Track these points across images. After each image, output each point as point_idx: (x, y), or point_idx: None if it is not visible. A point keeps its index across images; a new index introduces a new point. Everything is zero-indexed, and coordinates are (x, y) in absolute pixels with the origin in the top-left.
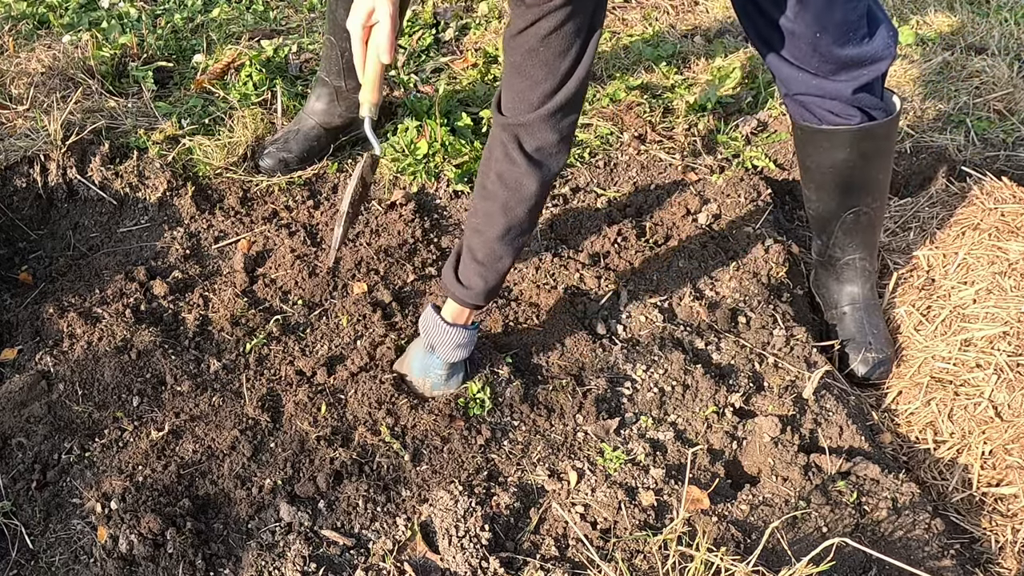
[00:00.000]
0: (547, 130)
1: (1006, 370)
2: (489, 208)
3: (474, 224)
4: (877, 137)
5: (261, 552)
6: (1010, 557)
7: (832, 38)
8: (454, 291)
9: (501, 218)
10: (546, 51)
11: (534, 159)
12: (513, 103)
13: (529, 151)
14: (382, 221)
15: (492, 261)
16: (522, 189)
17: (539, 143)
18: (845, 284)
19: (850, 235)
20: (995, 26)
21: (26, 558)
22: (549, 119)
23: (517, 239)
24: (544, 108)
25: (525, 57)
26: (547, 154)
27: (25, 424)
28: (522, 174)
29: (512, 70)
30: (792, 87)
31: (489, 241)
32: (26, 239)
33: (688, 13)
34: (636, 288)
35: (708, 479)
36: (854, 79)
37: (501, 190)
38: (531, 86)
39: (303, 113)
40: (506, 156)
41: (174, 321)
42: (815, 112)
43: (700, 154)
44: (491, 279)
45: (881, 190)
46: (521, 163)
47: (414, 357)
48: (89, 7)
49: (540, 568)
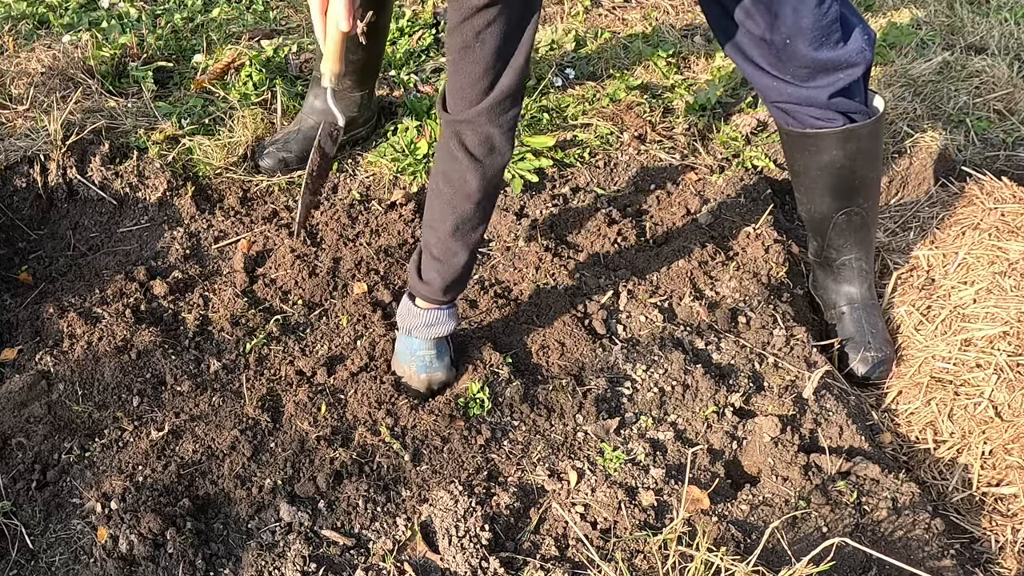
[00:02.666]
0: (487, 124)
1: (1006, 370)
2: (438, 205)
3: (428, 221)
4: (861, 138)
5: (261, 552)
6: (1010, 557)
7: (804, 44)
8: (416, 288)
9: (449, 215)
10: (481, 47)
11: (475, 155)
12: (454, 100)
13: (470, 147)
14: (382, 221)
15: (448, 257)
16: (466, 185)
17: (480, 138)
18: (843, 284)
19: (844, 236)
20: (995, 26)
21: (26, 558)
22: (488, 114)
23: (469, 234)
24: (483, 104)
25: (461, 54)
26: (488, 149)
27: (25, 424)
28: (464, 170)
29: (451, 67)
30: (770, 95)
31: (442, 238)
32: (26, 239)
33: (688, 13)
34: (636, 288)
35: (708, 479)
36: (830, 84)
37: (446, 187)
38: (470, 82)
39: (302, 113)
40: (449, 153)
41: (174, 321)
42: (797, 117)
43: (700, 154)
44: (448, 275)
45: (871, 190)
46: (463, 159)
47: (399, 349)
48: (89, 7)
49: (540, 568)
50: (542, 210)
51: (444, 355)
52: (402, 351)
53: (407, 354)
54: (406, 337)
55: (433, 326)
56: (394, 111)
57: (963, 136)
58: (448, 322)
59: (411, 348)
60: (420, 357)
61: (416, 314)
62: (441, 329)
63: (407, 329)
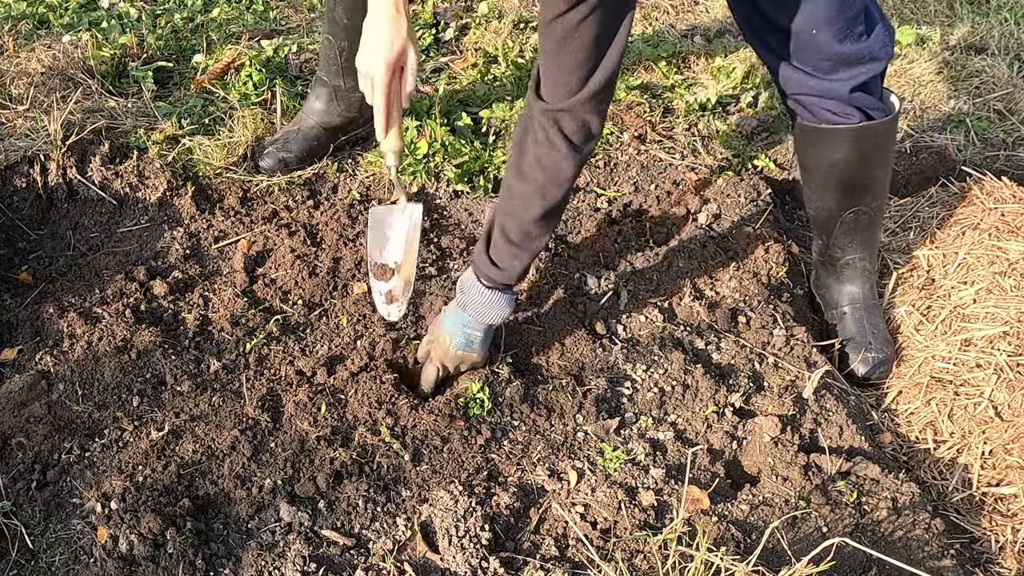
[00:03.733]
0: (587, 113)
1: (1006, 370)
2: (526, 191)
3: (509, 207)
4: (876, 136)
5: (261, 552)
6: (1010, 557)
7: (829, 36)
8: (488, 272)
9: (538, 201)
10: (580, 38)
11: (574, 142)
12: (553, 88)
13: (569, 135)
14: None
15: (527, 242)
16: (561, 172)
17: (578, 125)
18: (845, 284)
19: (850, 235)
20: (995, 26)
21: (26, 558)
22: (588, 103)
23: (552, 220)
24: (583, 93)
25: (560, 44)
26: (585, 136)
27: (25, 424)
28: (562, 158)
29: (549, 57)
30: (790, 87)
31: (524, 223)
32: (26, 239)
33: (688, 13)
34: (636, 288)
35: (708, 479)
36: (851, 78)
37: (539, 173)
38: (569, 72)
39: (303, 113)
40: (547, 140)
41: (174, 321)
42: (814, 111)
43: (700, 154)
44: (526, 259)
45: (881, 190)
46: (562, 147)
47: (446, 315)
48: (89, 7)
49: (540, 568)
50: None
51: (488, 340)
52: (450, 320)
53: (454, 325)
54: (459, 311)
55: (491, 310)
56: None
57: (963, 136)
58: (505, 309)
59: (461, 321)
60: (466, 334)
61: (479, 291)
62: (497, 315)
63: (463, 303)
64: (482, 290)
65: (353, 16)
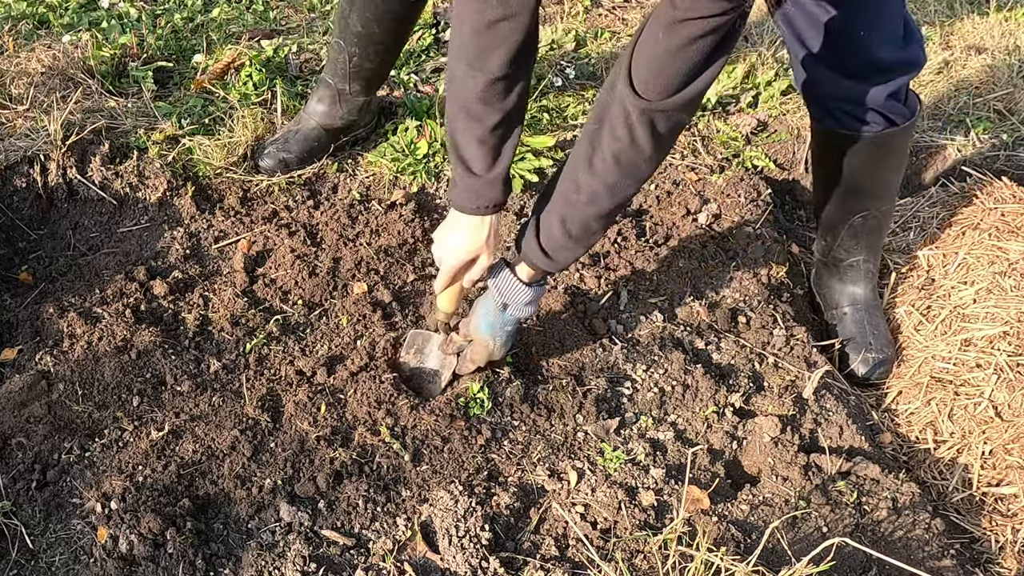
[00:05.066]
0: (683, 113)
1: (1006, 370)
2: (595, 185)
3: (572, 199)
4: (896, 142)
5: (261, 552)
6: (1010, 557)
7: (877, 38)
8: (536, 262)
9: (608, 198)
10: (707, 41)
11: (660, 143)
12: (655, 85)
13: (661, 134)
14: (382, 221)
15: (585, 236)
16: (638, 172)
17: (671, 125)
18: (848, 285)
19: (857, 238)
20: (995, 26)
21: (26, 558)
22: (688, 105)
23: (613, 216)
24: (689, 90)
25: (686, 44)
26: (673, 137)
27: (25, 424)
28: (644, 160)
29: (666, 54)
30: (824, 89)
31: (587, 217)
32: (26, 239)
33: None
34: (636, 288)
35: (708, 479)
36: (890, 84)
37: (615, 171)
38: (682, 72)
39: (304, 113)
40: (631, 139)
41: (174, 321)
42: (837, 117)
43: (700, 154)
44: (580, 253)
45: (892, 194)
46: (647, 148)
47: (482, 316)
48: (89, 7)
49: (540, 568)
50: None
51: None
52: (488, 323)
53: (495, 327)
54: (498, 311)
55: (529, 304)
56: (394, 111)
57: (963, 136)
58: (539, 300)
59: (501, 322)
60: (507, 333)
61: (521, 290)
62: (533, 309)
63: (503, 304)
64: (523, 289)
65: (367, 25)
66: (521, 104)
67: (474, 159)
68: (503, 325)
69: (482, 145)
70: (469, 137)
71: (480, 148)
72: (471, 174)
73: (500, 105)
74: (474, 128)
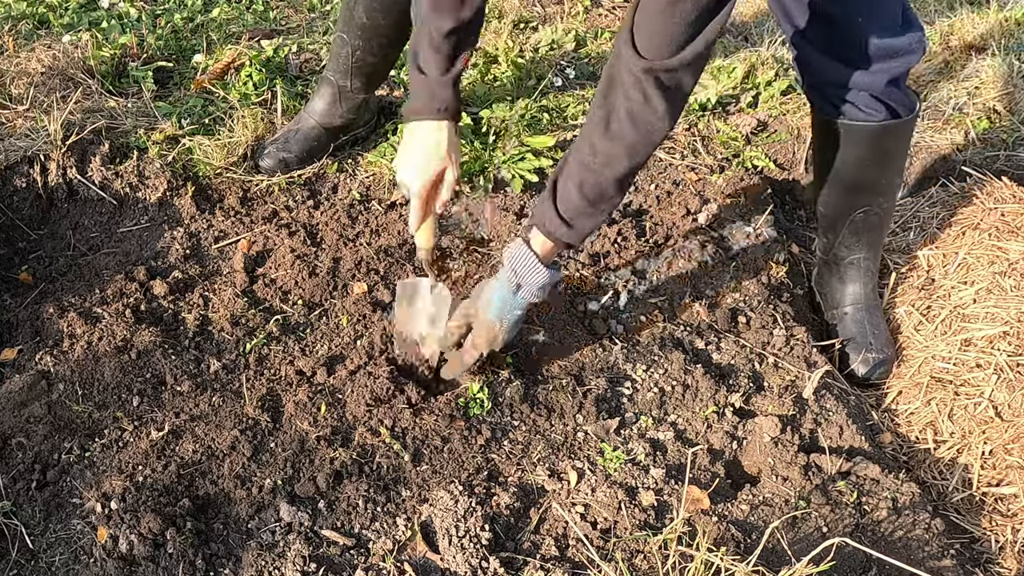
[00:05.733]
0: (688, 74)
1: (1006, 370)
2: (612, 148)
3: (588, 162)
4: (897, 136)
5: (261, 552)
6: (1010, 557)
7: (874, 26)
8: (554, 230)
9: (624, 160)
10: None
11: (672, 103)
12: (657, 44)
13: (669, 95)
14: (382, 221)
15: (601, 202)
16: (653, 133)
17: (677, 84)
18: (848, 284)
19: (857, 235)
20: (995, 26)
21: (26, 558)
22: (692, 64)
23: (630, 181)
24: (689, 50)
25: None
26: (682, 97)
27: (25, 424)
28: (658, 118)
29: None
30: (823, 76)
31: (604, 181)
32: (26, 239)
33: None
34: (636, 288)
35: (708, 479)
36: (888, 71)
37: (631, 131)
38: (681, 28)
39: (304, 113)
40: (643, 98)
41: (174, 321)
42: (838, 105)
43: (700, 154)
44: (598, 220)
45: (893, 191)
46: (659, 107)
47: (494, 298)
48: (89, 7)
49: (540, 568)
50: None
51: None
52: (498, 304)
53: (506, 308)
54: (511, 293)
55: (542, 288)
56: (394, 111)
57: (963, 136)
58: (552, 286)
59: (513, 305)
60: (515, 316)
61: (538, 271)
62: (544, 293)
63: (517, 284)
64: (540, 269)
65: (372, 16)
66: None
67: (428, 63)
68: (512, 308)
69: (437, 52)
70: (426, 44)
71: (435, 55)
72: (425, 76)
73: (454, 14)
74: (430, 35)
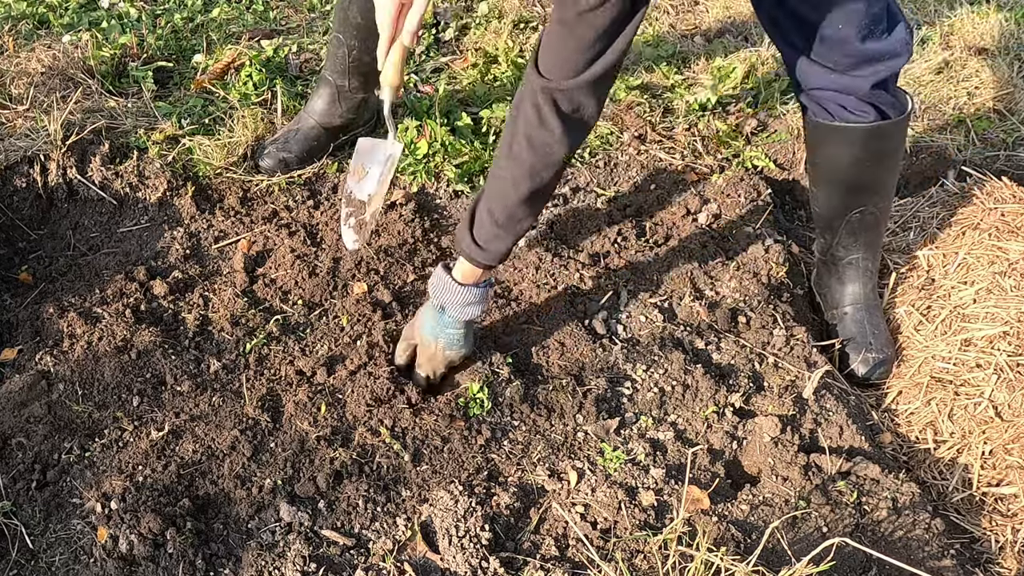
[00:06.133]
0: (585, 96)
1: (1006, 370)
2: (514, 171)
3: (496, 187)
4: (889, 136)
5: (261, 552)
6: (1010, 557)
7: (854, 32)
8: (470, 253)
9: (526, 182)
10: (603, 15)
11: (569, 125)
12: (556, 65)
13: (564, 115)
14: (382, 221)
15: (512, 224)
16: (552, 154)
17: (576, 108)
18: (847, 284)
19: (855, 235)
20: (995, 26)
21: (26, 558)
22: (591, 85)
23: (540, 202)
24: (588, 73)
25: (579, 19)
26: (581, 121)
27: (25, 424)
28: (554, 140)
29: (564, 30)
30: (810, 82)
31: (511, 204)
32: (26, 239)
33: (688, 13)
34: (636, 288)
35: (708, 479)
36: (873, 74)
37: (529, 154)
38: (579, 49)
39: (303, 113)
40: (539, 120)
41: (174, 321)
42: (829, 108)
43: (700, 154)
44: (510, 241)
45: (888, 191)
46: (555, 128)
47: (424, 320)
48: (89, 7)
49: (540, 568)
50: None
51: (471, 334)
52: (429, 325)
53: (436, 328)
54: (437, 312)
55: (469, 305)
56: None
57: (963, 136)
58: (483, 302)
59: (441, 323)
60: (449, 335)
61: (454, 290)
62: (476, 310)
63: (440, 305)
64: (457, 288)
65: (367, 16)
66: None
67: None
68: (444, 328)
69: None
70: None
71: None
72: None
73: None
74: None
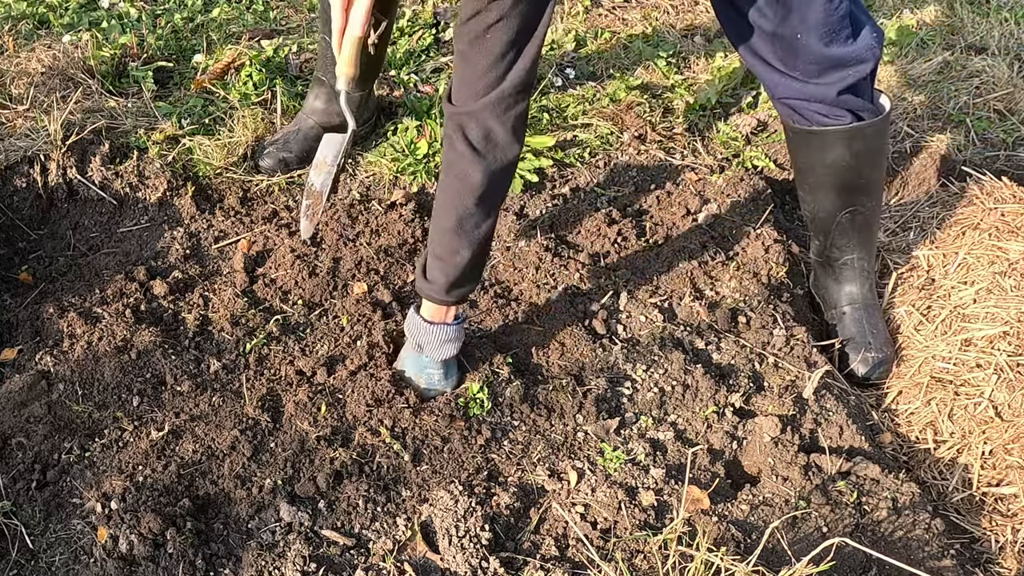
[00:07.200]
0: (490, 119)
1: (1006, 370)
2: (443, 199)
3: (433, 217)
4: (867, 137)
5: (261, 552)
6: (1010, 557)
7: (815, 39)
8: (420, 286)
9: (452, 210)
10: (492, 40)
11: (477, 148)
12: (460, 92)
13: (473, 140)
14: (382, 221)
15: (449, 255)
16: (468, 179)
17: (482, 132)
18: (844, 284)
19: (847, 236)
20: (995, 26)
21: (26, 558)
22: (493, 108)
23: (472, 231)
24: (488, 97)
25: (471, 45)
26: (490, 143)
27: (25, 424)
28: (467, 164)
29: (460, 58)
30: (778, 92)
31: (444, 233)
32: (26, 239)
33: (688, 13)
34: (636, 288)
35: (708, 479)
36: (839, 81)
37: (451, 181)
38: (477, 75)
39: (302, 113)
40: (451, 146)
41: (174, 321)
42: (804, 114)
43: (700, 154)
44: (451, 273)
45: (876, 189)
46: (465, 152)
47: (406, 359)
48: (89, 7)
49: (540, 568)
50: (542, 210)
51: (452, 372)
52: (411, 364)
53: (416, 368)
54: (418, 354)
55: (445, 344)
56: (394, 111)
57: (963, 136)
58: (457, 340)
59: (420, 364)
60: (429, 375)
61: (426, 330)
62: (451, 349)
63: (418, 345)
64: (428, 328)
65: None
66: None
67: None
68: (424, 367)
69: None
70: None
71: None
72: None
73: None
74: None
